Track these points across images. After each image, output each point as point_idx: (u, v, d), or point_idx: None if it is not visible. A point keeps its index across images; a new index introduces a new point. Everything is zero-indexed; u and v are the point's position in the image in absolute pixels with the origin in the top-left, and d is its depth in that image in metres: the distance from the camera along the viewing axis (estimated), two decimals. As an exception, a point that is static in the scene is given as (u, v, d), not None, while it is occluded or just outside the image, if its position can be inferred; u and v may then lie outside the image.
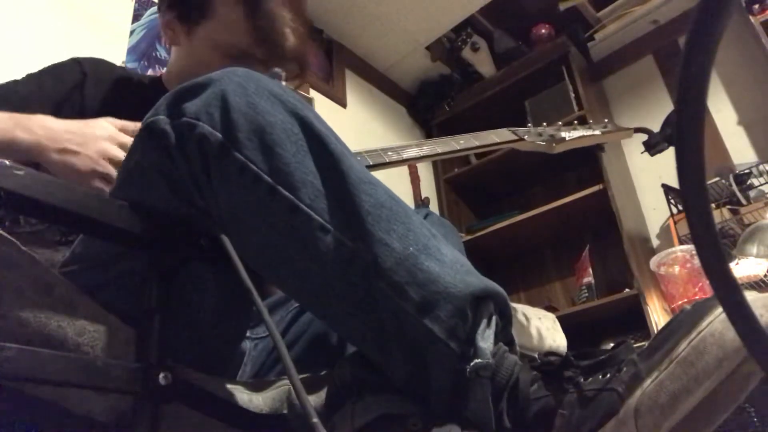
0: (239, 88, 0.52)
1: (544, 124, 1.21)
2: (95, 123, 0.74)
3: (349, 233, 0.50)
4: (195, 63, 0.93)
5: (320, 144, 0.52)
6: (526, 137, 1.13)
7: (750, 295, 0.42)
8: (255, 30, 0.90)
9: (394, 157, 0.94)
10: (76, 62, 0.94)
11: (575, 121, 1.26)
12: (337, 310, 0.53)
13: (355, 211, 0.51)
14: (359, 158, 0.89)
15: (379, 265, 0.49)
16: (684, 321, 0.46)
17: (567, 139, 1.17)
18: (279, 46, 0.91)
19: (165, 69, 1.05)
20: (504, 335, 0.54)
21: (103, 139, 0.71)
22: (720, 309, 0.44)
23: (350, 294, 0.51)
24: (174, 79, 0.98)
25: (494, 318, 0.52)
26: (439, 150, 1.00)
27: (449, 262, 0.52)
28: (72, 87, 0.89)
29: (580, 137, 1.20)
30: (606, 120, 1.31)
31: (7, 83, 0.87)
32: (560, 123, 1.22)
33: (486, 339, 0.49)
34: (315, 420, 0.37)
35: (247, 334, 0.78)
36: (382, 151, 0.94)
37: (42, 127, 0.71)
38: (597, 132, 1.25)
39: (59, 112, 0.84)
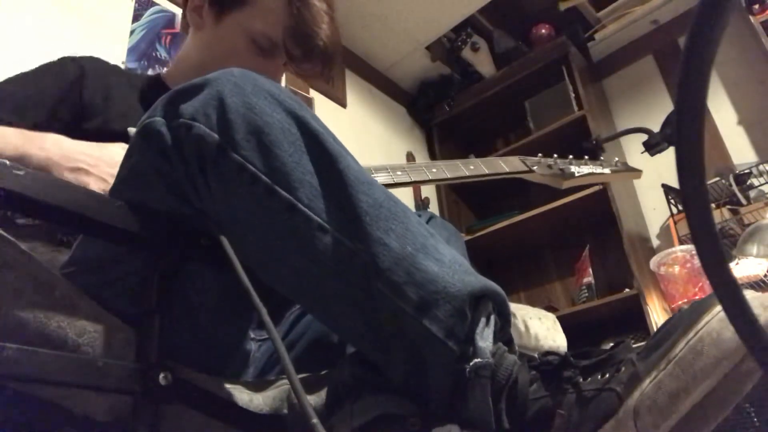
0: (236, 88, 0.52)
1: (555, 155, 1.22)
2: (110, 146, 0.73)
3: (348, 233, 0.50)
4: (220, 51, 0.92)
5: (318, 144, 0.52)
6: (535, 169, 1.14)
7: (748, 294, 0.42)
8: (293, 23, 0.89)
9: (403, 178, 0.94)
10: (71, 60, 0.91)
11: (586, 156, 1.28)
12: (336, 310, 0.53)
13: (353, 210, 0.50)
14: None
15: (378, 265, 0.49)
16: (681, 320, 0.46)
17: (576, 175, 1.18)
18: (311, 43, 0.91)
19: (171, 63, 1.02)
20: (502, 334, 0.54)
21: (117, 163, 0.70)
22: (717, 308, 0.44)
23: (349, 294, 0.51)
24: (190, 69, 0.95)
25: (493, 317, 0.52)
26: (448, 174, 1.01)
27: (448, 262, 0.52)
28: (70, 84, 0.87)
29: (589, 174, 1.21)
30: (617, 159, 1.33)
31: (1, 85, 0.84)
32: (571, 156, 1.24)
33: (485, 338, 0.49)
34: (315, 420, 0.37)
35: (252, 335, 0.78)
36: (391, 169, 0.95)
37: (56, 145, 0.70)
38: (606, 171, 1.26)
39: (57, 111, 0.83)
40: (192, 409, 0.49)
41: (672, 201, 2.20)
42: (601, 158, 1.31)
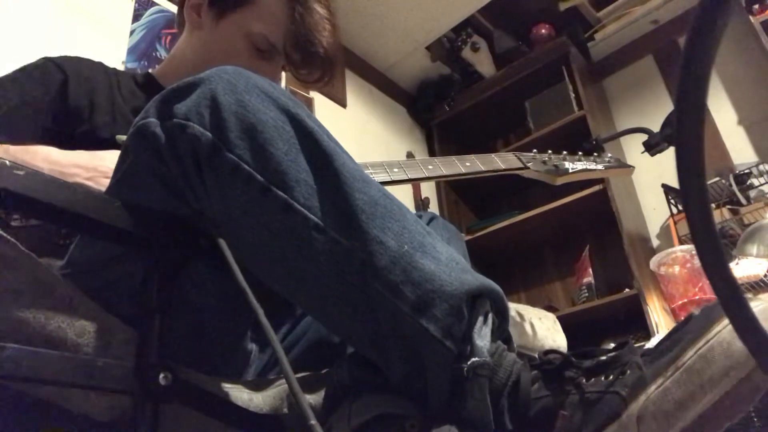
0: (229, 86, 0.51)
1: (549, 151, 1.23)
2: (104, 155, 0.71)
3: (344, 232, 0.50)
4: (218, 51, 0.90)
5: (312, 141, 0.52)
6: (530, 165, 1.17)
7: (758, 306, 0.42)
8: (294, 28, 0.89)
9: (399, 176, 0.95)
10: (52, 62, 0.86)
11: (579, 153, 1.30)
12: (333, 310, 0.53)
13: (349, 209, 0.50)
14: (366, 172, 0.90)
15: (374, 264, 0.49)
16: (691, 327, 0.45)
17: (570, 171, 1.20)
18: (311, 49, 0.90)
19: (164, 61, 1.00)
20: (500, 333, 0.54)
21: (112, 171, 0.69)
22: None
23: (346, 294, 0.51)
24: (185, 68, 0.93)
25: (490, 316, 0.51)
26: (445, 171, 1.02)
27: (445, 260, 0.51)
28: (55, 93, 0.83)
29: (583, 170, 1.23)
30: (610, 155, 1.35)
31: None
32: (565, 152, 1.26)
33: (483, 337, 0.49)
34: (313, 422, 0.37)
35: (252, 335, 0.78)
36: (387, 166, 0.94)
37: (46, 160, 0.68)
38: (600, 167, 1.28)
39: (45, 123, 0.80)
40: (192, 409, 0.49)
41: (672, 201, 2.20)
42: (595, 154, 1.32)
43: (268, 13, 0.90)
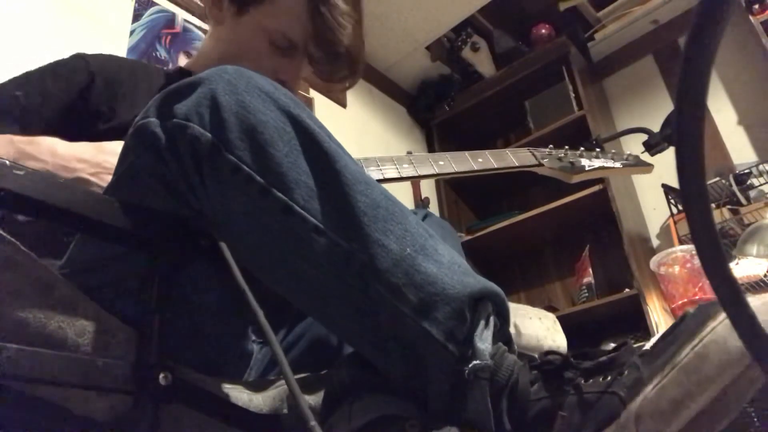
0: (229, 87, 0.51)
1: (566, 147, 1.17)
2: (109, 149, 0.71)
3: (345, 234, 0.50)
4: (238, 48, 0.90)
5: (314, 143, 0.52)
6: (545, 162, 1.11)
7: (755, 301, 0.42)
8: (312, 23, 0.88)
9: (409, 172, 0.92)
10: (81, 59, 0.86)
11: (597, 149, 1.24)
12: (334, 312, 0.53)
13: (350, 211, 0.50)
14: (372, 170, 0.89)
15: (376, 266, 0.49)
16: (687, 326, 0.45)
17: (586, 168, 1.13)
18: (332, 48, 0.90)
19: (195, 54, 1.00)
20: (501, 335, 0.54)
21: None
22: (723, 314, 0.44)
23: (347, 296, 0.51)
24: (210, 63, 0.90)
25: (492, 318, 0.51)
26: (455, 167, 0.98)
27: (447, 263, 0.51)
28: (79, 90, 0.82)
29: (600, 168, 1.16)
30: (628, 153, 1.28)
31: (5, 88, 0.79)
32: (582, 148, 1.19)
33: (484, 340, 0.49)
34: (312, 423, 0.37)
35: (253, 337, 0.78)
36: (397, 161, 0.93)
37: (51, 154, 0.68)
38: (617, 165, 1.22)
39: (63, 118, 0.80)
40: (192, 409, 0.49)
41: (672, 201, 2.20)
42: (613, 151, 1.26)
43: (287, 9, 0.89)
